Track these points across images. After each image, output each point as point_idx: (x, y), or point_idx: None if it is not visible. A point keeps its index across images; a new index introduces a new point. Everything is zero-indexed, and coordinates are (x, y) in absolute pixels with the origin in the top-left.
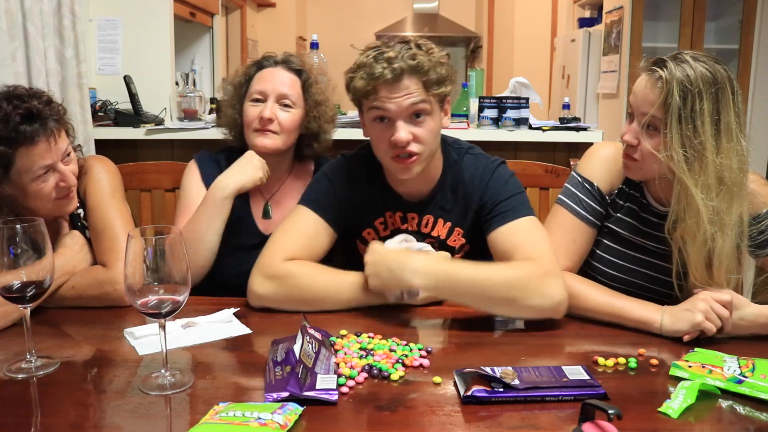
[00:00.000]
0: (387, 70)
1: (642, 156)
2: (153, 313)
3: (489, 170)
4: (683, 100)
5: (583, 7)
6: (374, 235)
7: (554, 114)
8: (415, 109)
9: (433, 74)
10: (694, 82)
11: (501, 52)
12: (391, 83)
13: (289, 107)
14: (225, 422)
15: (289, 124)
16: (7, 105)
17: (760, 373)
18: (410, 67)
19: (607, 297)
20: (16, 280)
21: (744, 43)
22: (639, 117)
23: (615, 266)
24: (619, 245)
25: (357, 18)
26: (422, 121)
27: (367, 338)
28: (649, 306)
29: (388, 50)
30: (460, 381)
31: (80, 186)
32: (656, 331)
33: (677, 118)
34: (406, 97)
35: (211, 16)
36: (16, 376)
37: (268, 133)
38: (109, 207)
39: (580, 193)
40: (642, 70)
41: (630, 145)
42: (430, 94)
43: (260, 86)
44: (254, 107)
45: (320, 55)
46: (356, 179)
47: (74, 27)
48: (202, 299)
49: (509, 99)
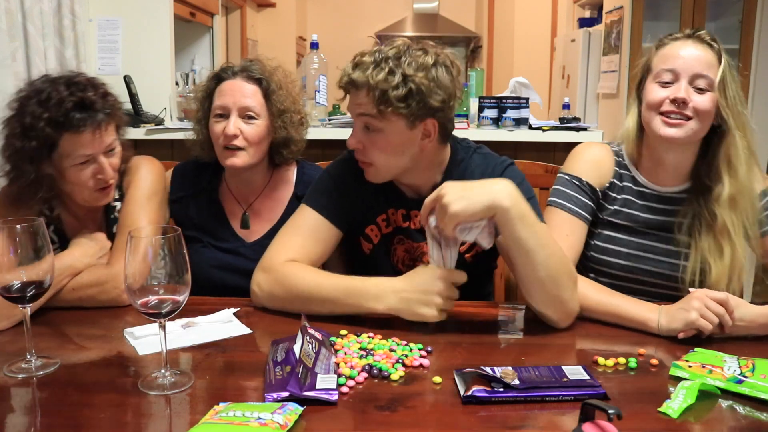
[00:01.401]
0: (345, 77)
1: (697, 113)
2: (153, 313)
3: (499, 170)
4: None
5: (583, 7)
6: (377, 232)
7: (554, 114)
8: (364, 120)
9: (377, 92)
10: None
11: (501, 52)
12: (351, 89)
13: (253, 119)
14: (225, 422)
15: (254, 137)
16: (64, 90)
17: (760, 373)
18: (360, 81)
19: (605, 296)
20: (16, 280)
21: (744, 43)
22: (691, 79)
23: (620, 255)
24: (622, 234)
25: (357, 18)
26: (372, 135)
27: (367, 338)
28: (646, 305)
29: (366, 55)
30: (460, 381)
31: (123, 181)
32: (654, 331)
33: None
34: (356, 106)
35: (211, 16)
36: (16, 376)
37: (236, 151)
38: (140, 208)
39: (569, 190)
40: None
41: (683, 102)
42: (382, 112)
43: (221, 101)
44: (218, 123)
45: (320, 55)
46: (359, 176)
47: (74, 27)
48: (202, 299)
49: (509, 99)
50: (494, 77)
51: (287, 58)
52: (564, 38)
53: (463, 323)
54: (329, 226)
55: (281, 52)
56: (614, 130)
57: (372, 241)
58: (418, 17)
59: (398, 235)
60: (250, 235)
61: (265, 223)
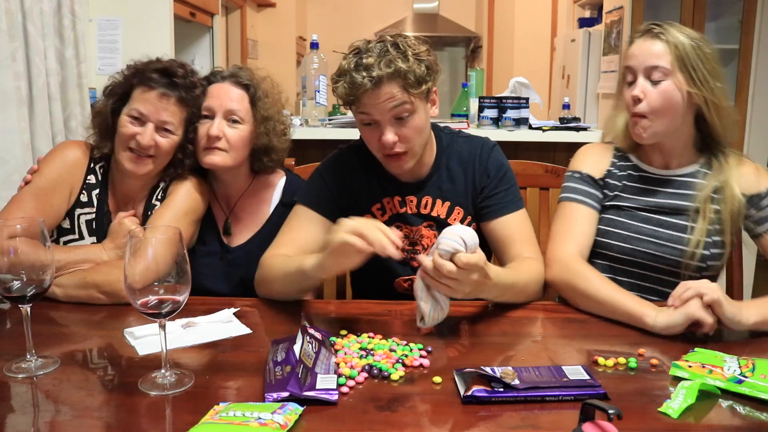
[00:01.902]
0: (366, 80)
1: (651, 109)
2: (153, 313)
3: (486, 151)
4: (691, 48)
5: (583, 7)
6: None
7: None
8: (398, 111)
9: (411, 76)
10: (690, 35)
11: (501, 52)
12: (372, 91)
13: (238, 123)
14: (225, 422)
15: (237, 141)
16: (168, 61)
17: (760, 373)
18: (388, 74)
19: (605, 286)
20: (16, 280)
21: (744, 43)
22: (645, 72)
23: (619, 237)
24: (623, 217)
25: (357, 18)
26: (407, 121)
27: (367, 338)
28: (645, 303)
29: (367, 56)
30: (460, 381)
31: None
32: (648, 326)
33: (696, 58)
34: (387, 101)
35: (211, 16)
36: (16, 376)
37: (216, 150)
38: (169, 220)
39: (574, 183)
40: (636, 37)
41: (638, 100)
42: (412, 95)
43: (207, 103)
44: (202, 125)
45: (320, 55)
46: (350, 169)
47: (74, 27)
48: (202, 299)
49: (509, 99)
50: (494, 77)
51: (287, 58)
52: (564, 38)
53: (463, 323)
54: (319, 218)
55: (281, 52)
56: None
57: None
58: (418, 17)
59: (395, 222)
60: (233, 240)
61: (248, 229)
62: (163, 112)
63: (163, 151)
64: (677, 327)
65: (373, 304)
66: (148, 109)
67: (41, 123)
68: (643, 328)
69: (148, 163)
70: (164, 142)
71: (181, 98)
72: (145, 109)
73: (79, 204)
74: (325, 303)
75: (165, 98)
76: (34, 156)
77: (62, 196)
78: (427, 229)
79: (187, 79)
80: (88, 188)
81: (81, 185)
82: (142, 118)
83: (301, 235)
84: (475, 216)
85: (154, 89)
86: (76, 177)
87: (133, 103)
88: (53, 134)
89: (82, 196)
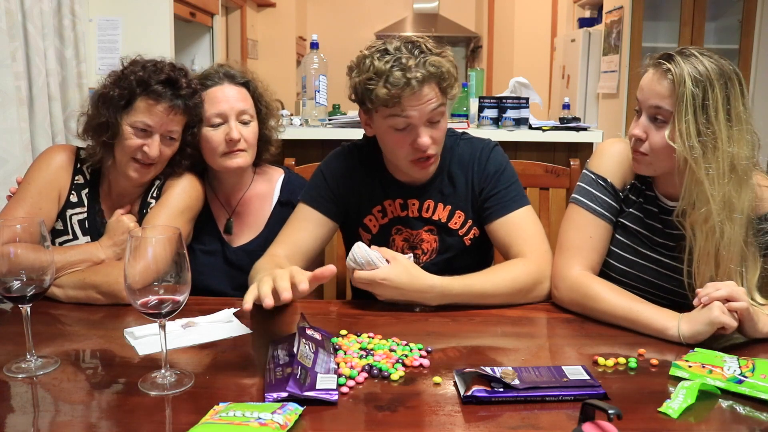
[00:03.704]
0: (414, 80)
1: (651, 150)
2: (153, 313)
3: (485, 153)
4: (695, 90)
5: (583, 7)
6: (375, 222)
7: (554, 114)
8: (435, 114)
9: (448, 77)
10: (704, 73)
11: (501, 52)
12: (415, 92)
13: (248, 121)
14: (225, 422)
15: (252, 138)
16: (168, 67)
17: (760, 373)
18: (431, 74)
19: (622, 299)
20: (16, 280)
21: (744, 43)
22: (648, 111)
23: (625, 261)
24: (629, 240)
25: (357, 18)
26: (438, 123)
27: (367, 338)
28: (666, 312)
29: (405, 56)
30: (460, 381)
31: (164, 184)
32: (675, 339)
33: (691, 107)
34: (427, 103)
35: (211, 16)
36: (16, 376)
37: (238, 152)
38: (165, 218)
39: (594, 189)
40: (648, 65)
41: (638, 139)
42: (446, 98)
43: (217, 108)
44: (215, 130)
45: (320, 55)
46: (352, 169)
47: (74, 27)
48: (202, 299)
49: (509, 99)
50: (494, 77)
51: (287, 58)
52: (564, 38)
53: (463, 323)
54: (321, 217)
55: (281, 52)
56: (614, 130)
57: (371, 232)
58: (418, 17)
59: (396, 225)
60: (234, 239)
61: (250, 228)
62: (170, 124)
63: (166, 157)
64: (703, 335)
65: (373, 304)
66: (156, 121)
67: (41, 123)
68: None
69: (151, 171)
70: (168, 150)
71: (186, 108)
72: (152, 121)
73: (70, 204)
74: (326, 303)
75: (172, 111)
76: (34, 156)
77: (51, 200)
78: (428, 234)
79: (189, 88)
80: (77, 188)
81: (69, 186)
82: (148, 130)
83: (298, 235)
84: (478, 219)
85: (161, 102)
86: (63, 179)
87: (137, 114)
88: (53, 134)
89: (72, 196)
